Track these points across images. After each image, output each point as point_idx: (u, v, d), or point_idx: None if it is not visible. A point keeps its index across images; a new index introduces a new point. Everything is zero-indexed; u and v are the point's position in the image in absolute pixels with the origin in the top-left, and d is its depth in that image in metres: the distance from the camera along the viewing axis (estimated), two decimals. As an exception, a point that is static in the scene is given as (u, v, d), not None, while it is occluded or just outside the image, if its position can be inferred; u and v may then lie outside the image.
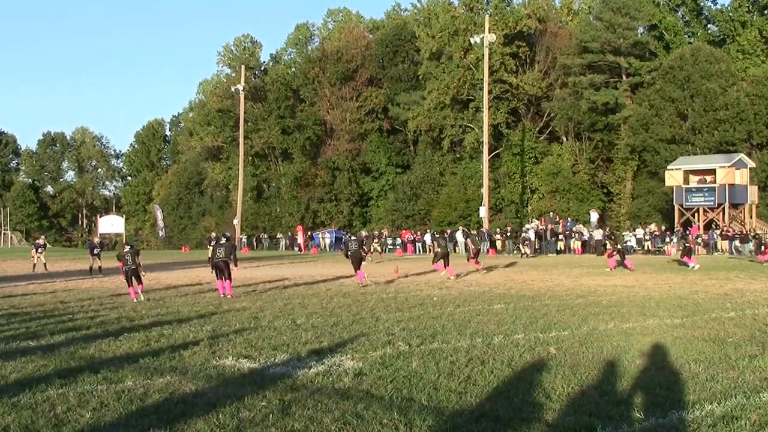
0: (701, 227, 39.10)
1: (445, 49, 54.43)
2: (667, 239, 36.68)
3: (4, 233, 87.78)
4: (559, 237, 39.74)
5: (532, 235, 38.42)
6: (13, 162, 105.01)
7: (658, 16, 50.48)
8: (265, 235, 58.00)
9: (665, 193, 43.11)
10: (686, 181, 40.23)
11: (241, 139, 61.12)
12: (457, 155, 57.04)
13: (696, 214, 40.07)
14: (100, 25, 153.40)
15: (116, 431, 5.70)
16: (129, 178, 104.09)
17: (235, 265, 16.83)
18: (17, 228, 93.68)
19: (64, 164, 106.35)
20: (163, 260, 37.88)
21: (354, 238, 20.98)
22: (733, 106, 42.23)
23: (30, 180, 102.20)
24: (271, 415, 5.97)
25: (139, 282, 16.50)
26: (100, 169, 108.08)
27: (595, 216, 43.10)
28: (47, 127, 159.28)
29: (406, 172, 59.49)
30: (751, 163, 40.76)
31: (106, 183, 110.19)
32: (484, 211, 45.02)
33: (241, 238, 56.86)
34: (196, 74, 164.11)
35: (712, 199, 38.90)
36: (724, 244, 35.88)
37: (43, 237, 36.22)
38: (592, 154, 51.86)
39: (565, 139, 53.84)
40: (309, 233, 54.17)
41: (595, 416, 5.81)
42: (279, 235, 57.12)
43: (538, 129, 54.52)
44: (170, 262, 36.45)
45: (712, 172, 39.16)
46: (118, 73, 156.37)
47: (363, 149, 62.70)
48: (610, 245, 25.62)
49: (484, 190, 45.71)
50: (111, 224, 75.46)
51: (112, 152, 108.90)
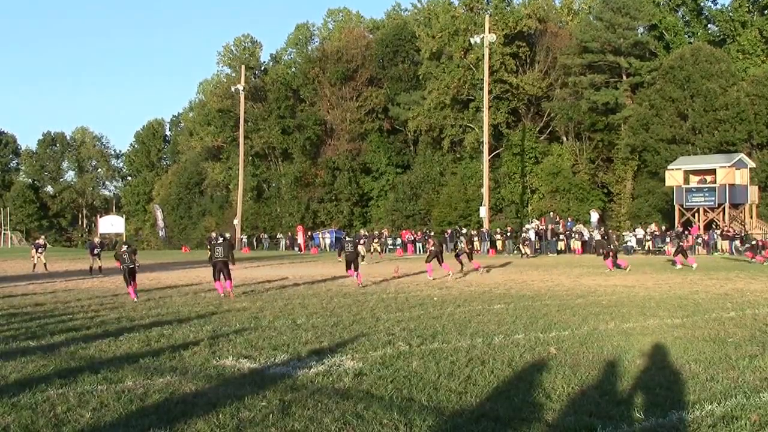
0: (701, 227, 39.10)
1: (445, 49, 54.41)
2: (667, 239, 36.63)
3: (4, 233, 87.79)
4: (560, 237, 39.72)
5: (532, 235, 38.40)
6: (13, 162, 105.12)
7: (659, 16, 50.45)
8: (266, 235, 57.97)
9: (665, 193, 43.09)
10: (686, 181, 40.21)
11: (241, 139, 61.14)
12: (458, 155, 57.02)
13: (696, 214, 40.06)
14: (100, 25, 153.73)
15: (116, 431, 5.70)
16: (129, 178, 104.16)
17: (233, 263, 16.94)
18: (17, 228, 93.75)
19: (64, 164, 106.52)
20: (163, 260, 37.89)
21: (349, 239, 20.90)
22: (734, 106, 42.22)
23: (30, 180, 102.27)
24: (271, 415, 5.97)
25: (134, 280, 16.67)
26: (100, 169, 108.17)
27: (595, 216, 43.09)
28: (47, 127, 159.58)
29: (407, 172, 59.46)
30: (752, 163, 40.75)
31: (106, 183, 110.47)
32: (484, 211, 45.03)
33: (242, 238, 56.87)
34: (196, 74, 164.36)
35: (713, 199, 38.89)
36: (724, 244, 35.87)
37: (43, 237, 36.23)
38: (593, 154, 51.84)
39: (565, 139, 53.82)
40: (309, 233, 54.16)
41: (596, 416, 5.81)
42: (279, 235, 57.09)
43: (538, 129, 54.49)
44: (170, 262, 36.46)
45: (713, 172, 39.15)
46: (118, 73, 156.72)
47: (363, 149, 62.66)
48: (602, 245, 25.57)
49: (485, 190, 45.72)
50: (111, 224, 75.37)
51: (112, 152, 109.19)
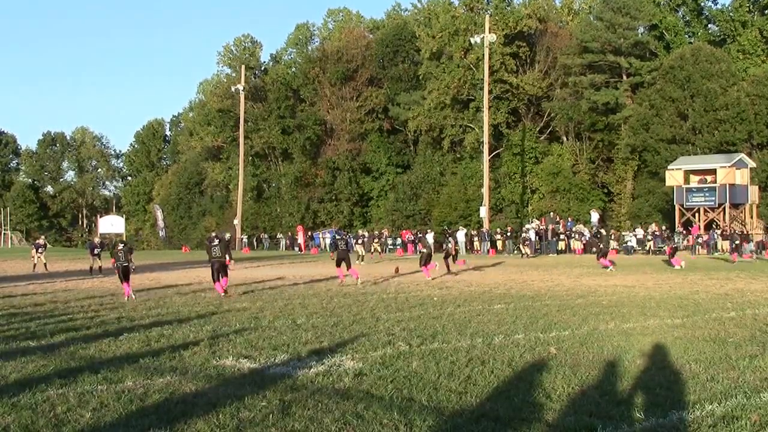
0: (702, 227, 39.08)
1: (445, 49, 54.38)
2: (675, 239, 36.62)
3: (4, 233, 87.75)
4: (560, 237, 39.71)
5: (532, 235, 38.38)
6: (13, 162, 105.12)
7: (659, 16, 50.42)
8: (266, 235, 57.94)
9: (666, 193, 43.08)
10: (687, 181, 40.21)
11: (241, 139, 61.13)
12: (458, 155, 56.99)
13: (697, 214, 40.05)
14: (100, 25, 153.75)
15: (116, 431, 5.70)
16: (129, 178, 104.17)
17: (230, 259, 17.02)
18: (17, 228, 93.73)
19: (64, 164, 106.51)
20: (163, 260, 37.90)
21: (339, 237, 20.87)
22: (734, 106, 42.20)
23: (30, 180, 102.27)
24: (271, 415, 5.96)
25: (127, 279, 16.73)
26: (100, 169, 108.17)
27: (595, 216, 43.05)
28: (47, 127, 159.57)
29: (407, 172, 59.43)
30: (752, 163, 40.74)
31: (106, 183, 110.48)
32: (484, 211, 45.02)
33: (242, 238, 56.86)
34: (196, 74, 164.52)
35: (713, 199, 38.88)
36: (725, 244, 35.83)
37: (43, 237, 36.26)
38: (593, 154, 51.81)
39: (565, 139, 53.80)
40: (309, 233, 54.15)
41: (596, 416, 5.80)
42: (279, 235, 57.05)
43: (538, 129, 54.46)
44: (170, 262, 36.45)
45: (713, 172, 39.15)
46: (118, 73, 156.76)
47: (363, 149, 62.64)
48: (593, 244, 25.46)
49: (485, 190, 45.71)
50: (111, 224, 75.33)
51: (112, 152, 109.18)
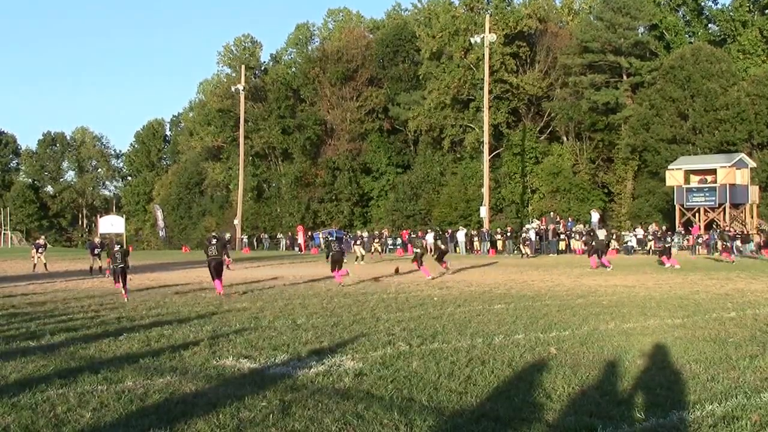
0: (702, 227, 39.08)
1: (445, 49, 54.39)
2: (668, 239, 36.55)
3: (4, 233, 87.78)
4: (560, 237, 39.70)
5: (532, 235, 38.38)
6: (13, 162, 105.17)
7: (659, 16, 50.42)
8: (266, 235, 57.96)
9: (666, 193, 43.08)
10: (687, 181, 40.20)
11: (242, 139, 61.13)
12: (458, 155, 57.00)
13: (697, 214, 40.04)
14: (100, 25, 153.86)
15: (116, 431, 5.69)
16: (129, 178, 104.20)
17: (228, 256, 17.10)
18: (17, 228, 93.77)
19: (64, 164, 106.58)
20: (163, 260, 37.89)
21: (332, 239, 20.91)
22: (734, 106, 42.20)
23: (30, 180, 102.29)
24: (271, 415, 5.95)
25: (124, 281, 16.74)
26: (100, 169, 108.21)
27: (596, 216, 43.04)
28: (47, 127, 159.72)
29: (407, 172, 59.45)
30: (752, 163, 40.73)
31: (106, 183, 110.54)
32: (484, 211, 45.02)
33: (242, 238, 56.86)
34: (196, 74, 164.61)
35: (713, 199, 38.87)
36: (719, 245, 35.75)
37: (43, 237, 36.27)
38: (593, 154, 51.82)
39: (565, 138, 53.80)
40: (309, 233, 54.15)
41: (596, 416, 5.80)
42: (279, 235, 57.06)
43: (538, 129, 54.48)
44: (170, 262, 36.45)
45: (713, 172, 39.14)
46: (118, 73, 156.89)
47: (363, 149, 62.66)
48: (586, 242, 25.44)
49: (485, 190, 45.70)
50: (111, 224, 75.16)
51: (112, 152, 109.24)
